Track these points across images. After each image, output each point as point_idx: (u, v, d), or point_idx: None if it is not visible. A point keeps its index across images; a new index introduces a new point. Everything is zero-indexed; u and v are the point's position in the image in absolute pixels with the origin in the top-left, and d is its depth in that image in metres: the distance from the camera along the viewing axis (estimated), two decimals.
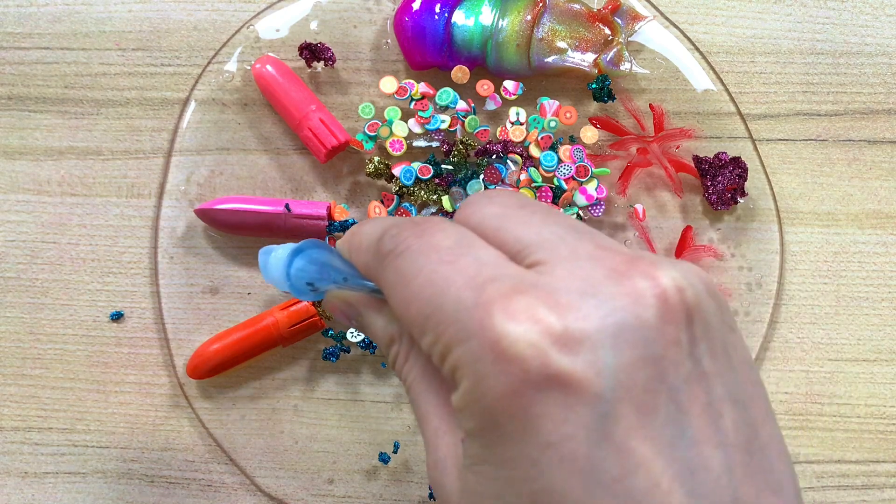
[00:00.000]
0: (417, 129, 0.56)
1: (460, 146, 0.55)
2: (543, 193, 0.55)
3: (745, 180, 0.56)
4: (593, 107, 0.58)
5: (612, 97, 0.56)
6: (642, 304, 0.26)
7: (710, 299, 0.28)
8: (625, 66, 0.56)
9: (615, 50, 0.56)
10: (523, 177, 0.55)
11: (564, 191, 0.55)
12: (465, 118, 0.56)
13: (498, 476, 0.27)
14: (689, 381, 0.27)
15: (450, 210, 0.55)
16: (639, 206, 0.57)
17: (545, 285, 0.27)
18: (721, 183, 0.56)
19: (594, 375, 0.25)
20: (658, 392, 0.26)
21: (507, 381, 0.26)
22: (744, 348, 0.29)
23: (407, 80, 0.56)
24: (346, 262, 0.34)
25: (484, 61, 0.56)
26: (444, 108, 0.56)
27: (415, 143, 0.56)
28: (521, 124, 0.56)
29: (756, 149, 0.57)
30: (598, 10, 0.56)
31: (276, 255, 0.35)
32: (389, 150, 0.56)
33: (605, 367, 0.25)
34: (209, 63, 0.57)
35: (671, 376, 0.26)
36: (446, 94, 0.55)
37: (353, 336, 0.55)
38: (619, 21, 0.56)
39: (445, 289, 0.28)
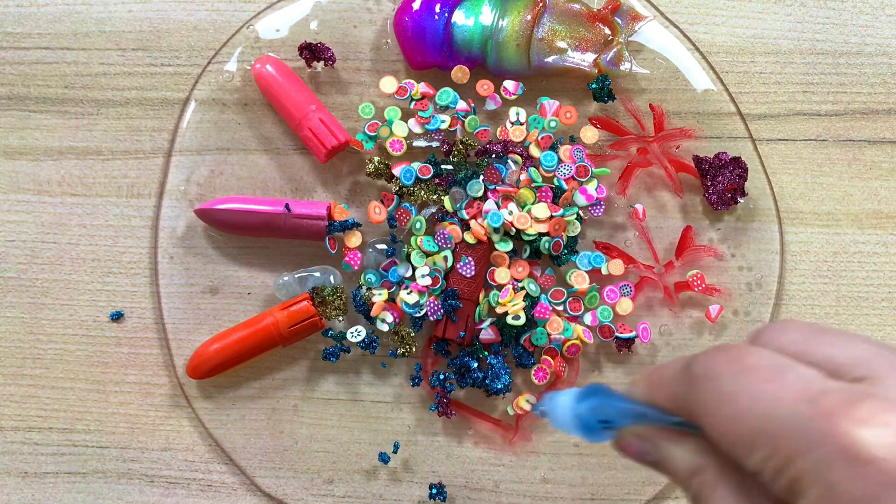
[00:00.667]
0: (417, 129, 0.56)
1: (460, 146, 0.55)
2: (543, 193, 0.55)
3: (745, 180, 0.56)
4: (593, 107, 0.58)
5: (612, 97, 0.56)
6: None
7: None
8: (625, 66, 0.56)
9: (615, 50, 0.56)
10: (523, 177, 0.55)
11: (564, 191, 0.55)
12: (465, 118, 0.56)
13: None
14: None
15: (450, 210, 0.55)
16: (639, 206, 0.57)
17: (880, 394, 0.28)
18: (721, 183, 0.56)
19: None
20: None
21: (866, 484, 0.26)
22: None
23: (407, 80, 0.56)
24: (635, 403, 0.35)
25: (484, 61, 0.56)
26: (444, 108, 0.56)
27: (415, 143, 0.56)
28: (521, 124, 0.56)
29: (756, 149, 0.57)
30: (598, 10, 0.56)
31: (562, 398, 0.37)
32: (389, 150, 0.56)
33: None
34: (209, 63, 0.57)
35: None
36: (446, 94, 0.55)
37: (354, 336, 0.55)
38: (619, 21, 0.56)
39: (776, 404, 0.29)
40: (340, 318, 0.55)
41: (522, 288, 0.55)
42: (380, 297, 0.54)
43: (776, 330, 0.33)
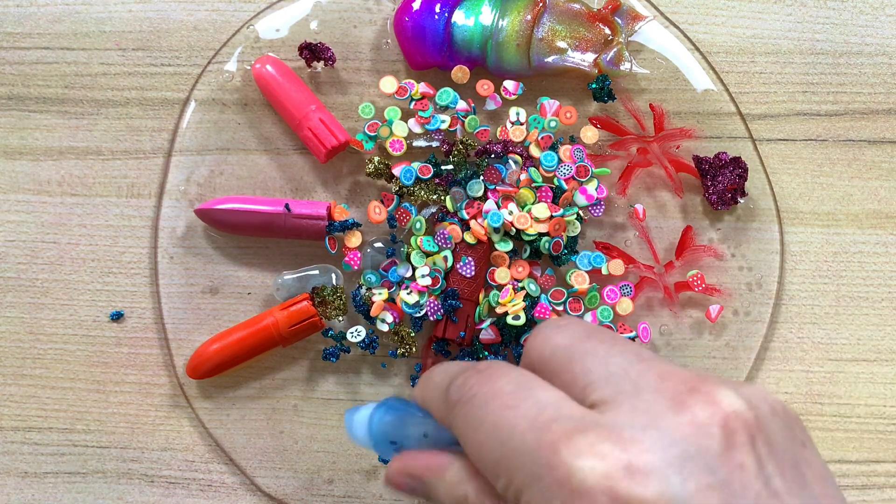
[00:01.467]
0: (417, 129, 0.56)
1: (460, 146, 0.55)
2: (543, 193, 0.55)
3: (746, 180, 0.56)
4: (593, 107, 0.58)
5: (612, 97, 0.56)
6: (704, 432, 0.28)
7: (773, 418, 0.29)
8: (625, 66, 0.56)
9: (615, 50, 0.56)
10: (523, 177, 0.55)
11: (564, 191, 0.55)
12: (465, 118, 0.56)
13: None
14: (759, 502, 0.27)
15: (452, 210, 0.55)
16: (639, 206, 0.57)
17: (607, 423, 0.28)
18: (721, 183, 0.56)
19: (666, 502, 0.26)
20: None
21: None
22: (820, 464, 0.30)
23: (407, 80, 0.56)
24: (424, 412, 0.36)
25: (484, 61, 0.56)
26: (444, 108, 0.56)
27: (415, 143, 0.56)
28: (521, 124, 0.56)
29: (756, 149, 0.57)
30: (598, 9, 0.56)
31: (360, 414, 0.38)
32: (389, 150, 0.56)
33: (675, 495, 0.26)
34: (209, 63, 0.57)
35: (741, 499, 0.27)
36: (446, 94, 0.55)
37: (354, 336, 0.55)
38: (619, 21, 0.56)
39: (510, 433, 0.29)
40: (340, 318, 0.55)
41: (522, 288, 0.55)
42: (380, 297, 0.54)
43: (550, 331, 0.33)
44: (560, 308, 0.56)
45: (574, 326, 0.33)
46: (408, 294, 0.54)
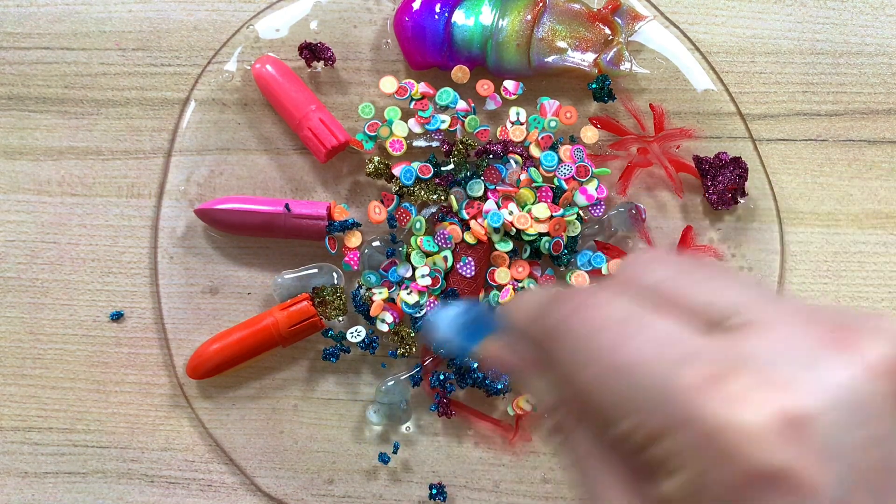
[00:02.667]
0: (417, 129, 0.56)
1: (460, 146, 0.55)
2: (543, 193, 0.55)
3: (746, 180, 0.56)
4: (593, 107, 0.57)
5: (612, 97, 0.56)
6: (866, 378, 0.25)
7: None
8: (625, 66, 0.56)
9: (615, 50, 0.56)
10: (523, 177, 0.55)
11: (564, 191, 0.55)
12: (465, 118, 0.56)
13: None
14: None
15: (455, 209, 0.55)
16: (639, 206, 0.57)
17: (756, 359, 0.25)
18: (721, 183, 0.56)
19: (826, 461, 0.24)
20: (892, 470, 0.24)
21: (733, 477, 0.24)
22: None
23: (407, 80, 0.56)
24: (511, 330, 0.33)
25: (484, 61, 0.56)
26: (444, 108, 0.56)
27: (415, 143, 0.56)
28: (521, 124, 0.56)
29: (756, 149, 0.57)
30: (599, 9, 0.56)
31: (450, 312, 0.38)
32: (389, 150, 0.56)
33: (839, 449, 0.24)
34: (209, 63, 0.57)
35: None
36: (446, 94, 0.55)
37: (353, 336, 0.55)
38: (619, 21, 0.56)
39: (634, 371, 0.26)
40: (340, 318, 0.55)
41: (522, 288, 0.55)
42: (380, 297, 0.54)
43: (644, 263, 0.29)
44: None
45: (668, 259, 0.30)
46: (408, 294, 0.54)
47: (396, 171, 0.55)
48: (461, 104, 0.56)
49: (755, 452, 0.23)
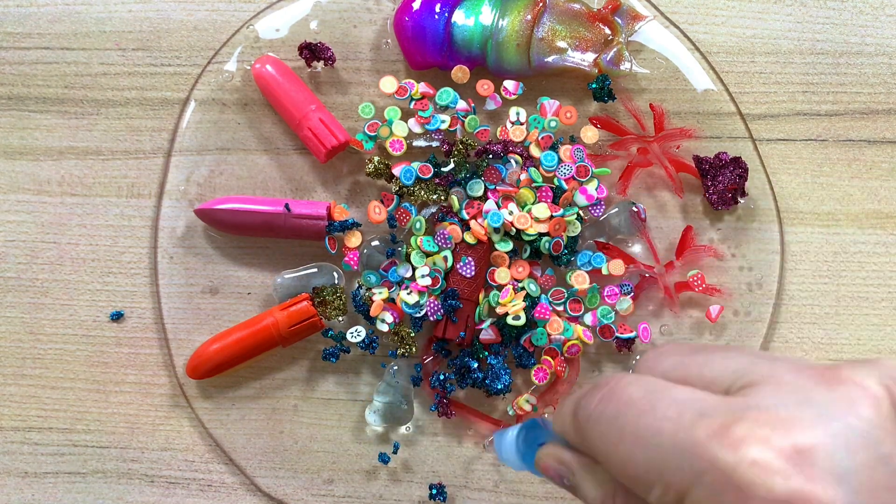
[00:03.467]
0: (417, 129, 0.56)
1: (460, 146, 0.55)
2: (543, 193, 0.55)
3: (746, 180, 0.56)
4: (593, 107, 0.57)
5: (612, 97, 0.56)
6: (860, 406, 0.27)
7: None
8: (625, 66, 0.56)
9: (615, 50, 0.56)
10: (523, 177, 0.55)
11: (564, 191, 0.55)
12: (465, 118, 0.56)
13: None
14: None
15: (457, 209, 0.55)
16: (640, 206, 0.57)
17: (758, 405, 0.28)
18: (721, 183, 0.56)
19: (835, 484, 0.26)
20: None
21: None
22: None
23: (407, 80, 0.56)
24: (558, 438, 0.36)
25: (484, 61, 0.56)
26: (444, 108, 0.56)
27: (415, 143, 0.56)
28: (521, 124, 0.56)
29: (756, 149, 0.57)
30: (599, 9, 0.56)
31: (508, 435, 0.40)
32: (389, 150, 0.56)
33: (845, 472, 0.26)
34: (209, 63, 0.57)
35: None
36: (446, 94, 0.55)
37: (353, 336, 0.55)
38: (620, 21, 0.56)
39: (656, 438, 0.29)
40: (340, 319, 0.55)
41: (522, 288, 0.55)
42: (380, 296, 0.54)
43: (653, 359, 0.33)
44: (560, 308, 0.56)
45: (676, 346, 0.33)
46: (408, 294, 0.54)
47: (396, 171, 0.55)
48: (461, 104, 0.56)
49: (767, 483, 0.26)
